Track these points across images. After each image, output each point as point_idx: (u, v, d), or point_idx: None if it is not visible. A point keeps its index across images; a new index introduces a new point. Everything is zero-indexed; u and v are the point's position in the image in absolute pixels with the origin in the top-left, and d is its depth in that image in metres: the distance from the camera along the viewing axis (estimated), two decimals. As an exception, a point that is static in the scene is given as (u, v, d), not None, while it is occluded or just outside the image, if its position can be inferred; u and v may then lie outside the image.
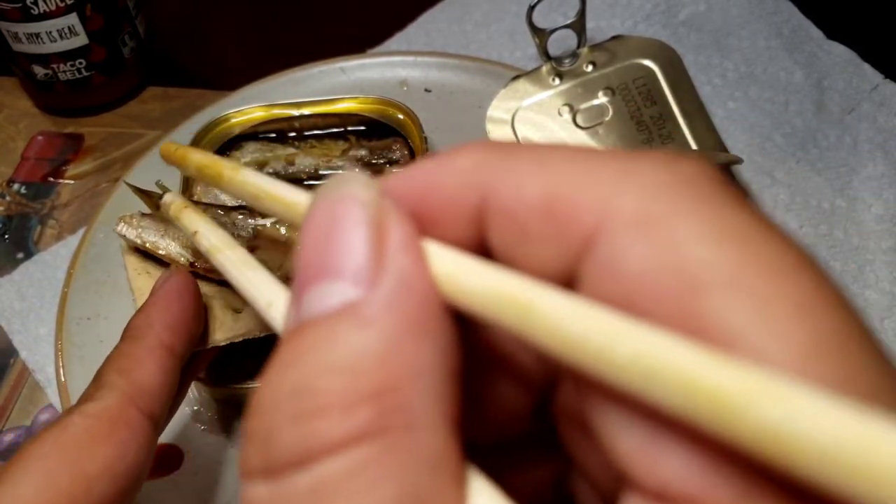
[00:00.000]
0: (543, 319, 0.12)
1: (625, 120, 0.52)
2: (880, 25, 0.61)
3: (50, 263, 0.52)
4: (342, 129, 0.53)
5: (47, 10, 0.54)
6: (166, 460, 0.42)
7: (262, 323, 0.36)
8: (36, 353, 0.48)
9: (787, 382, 0.10)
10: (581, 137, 0.52)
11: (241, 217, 0.38)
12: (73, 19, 0.55)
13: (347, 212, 0.13)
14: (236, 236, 0.37)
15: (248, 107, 0.53)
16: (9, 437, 0.46)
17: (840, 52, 0.58)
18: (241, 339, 0.36)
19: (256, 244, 0.38)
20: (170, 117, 0.61)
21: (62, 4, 0.54)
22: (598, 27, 0.61)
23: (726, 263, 0.11)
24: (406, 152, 0.51)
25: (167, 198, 0.33)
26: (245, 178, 0.21)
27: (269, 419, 0.12)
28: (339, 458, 0.11)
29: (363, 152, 0.52)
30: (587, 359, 0.11)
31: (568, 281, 0.13)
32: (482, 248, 0.14)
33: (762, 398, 0.09)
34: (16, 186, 0.58)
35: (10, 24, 0.55)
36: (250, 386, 0.41)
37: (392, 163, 0.51)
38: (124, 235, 0.38)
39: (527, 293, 0.12)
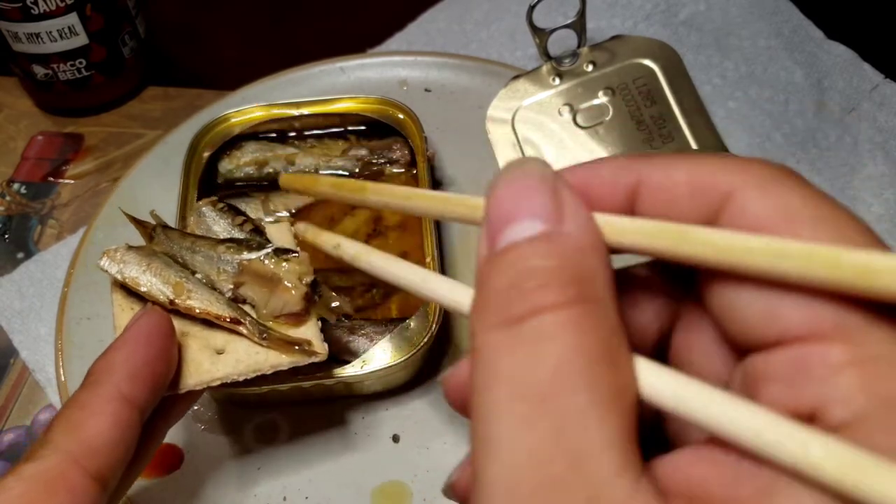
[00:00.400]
0: (696, 237, 0.19)
1: (625, 120, 0.52)
2: (880, 25, 0.61)
3: (50, 263, 0.52)
4: (342, 129, 0.53)
5: (47, 10, 0.54)
6: (166, 460, 0.42)
7: (243, 366, 0.34)
8: (36, 352, 0.48)
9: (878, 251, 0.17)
10: (581, 137, 0.52)
11: (227, 251, 0.36)
12: (73, 19, 0.55)
13: (532, 181, 0.20)
14: (221, 271, 0.36)
15: (247, 106, 0.53)
16: (9, 437, 0.46)
17: (840, 51, 0.58)
18: (217, 383, 0.33)
19: (242, 280, 0.35)
20: (170, 117, 0.61)
21: (62, 4, 0.54)
22: (598, 27, 0.61)
23: (812, 210, 0.18)
24: (406, 152, 0.51)
25: (300, 227, 0.32)
26: (391, 189, 0.25)
27: (506, 292, 0.19)
28: (558, 313, 0.18)
29: (363, 152, 0.52)
30: (736, 257, 0.18)
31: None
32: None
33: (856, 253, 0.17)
34: (16, 186, 0.58)
35: (10, 24, 0.55)
36: (250, 386, 0.41)
37: (392, 162, 0.51)
38: (106, 270, 0.36)
39: (680, 226, 0.19)
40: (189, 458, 0.42)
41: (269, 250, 0.36)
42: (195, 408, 0.44)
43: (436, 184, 0.53)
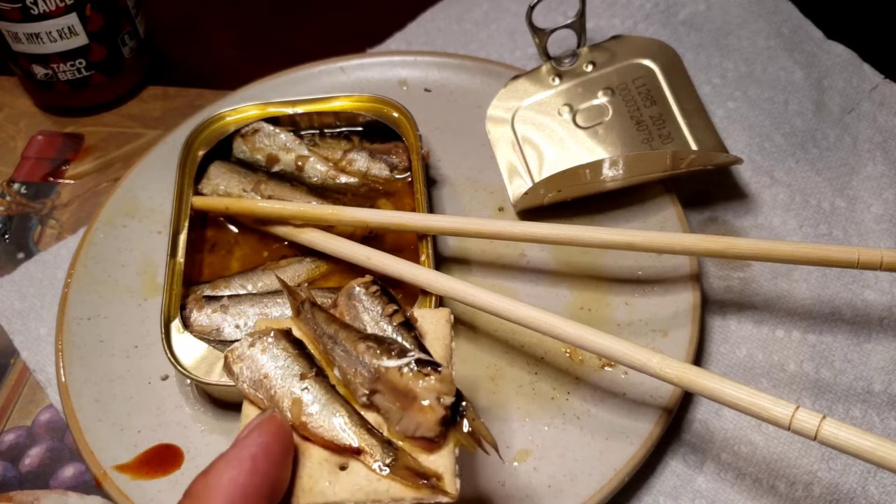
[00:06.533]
0: None
1: (624, 120, 0.52)
2: (880, 25, 0.61)
3: (50, 263, 0.52)
4: (346, 130, 0.53)
5: (47, 10, 0.54)
6: (166, 460, 0.42)
7: (361, 493, 0.30)
8: (36, 353, 0.48)
9: None
10: (581, 137, 0.52)
11: (366, 351, 0.32)
12: (72, 19, 0.55)
13: None
14: (358, 373, 0.32)
15: (242, 105, 0.53)
16: (9, 438, 0.46)
17: (840, 52, 0.58)
18: None
19: (376, 388, 0.32)
20: (170, 117, 0.61)
21: (62, 4, 0.54)
22: (598, 27, 0.61)
23: None
24: (405, 156, 0.51)
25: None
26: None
27: None
28: None
29: (364, 154, 0.52)
30: None
31: None
32: None
33: None
34: (16, 186, 0.58)
35: (10, 24, 0.55)
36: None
37: (393, 168, 0.51)
38: (230, 378, 0.33)
39: None
40: (189, 459, 0.42)
41: (411, 360, 0.31)
42: (195, 407, 0.44)
43: (430, 183, 0.53)
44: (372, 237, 0.48)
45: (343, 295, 0.36)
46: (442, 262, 0.49)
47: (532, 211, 0.50)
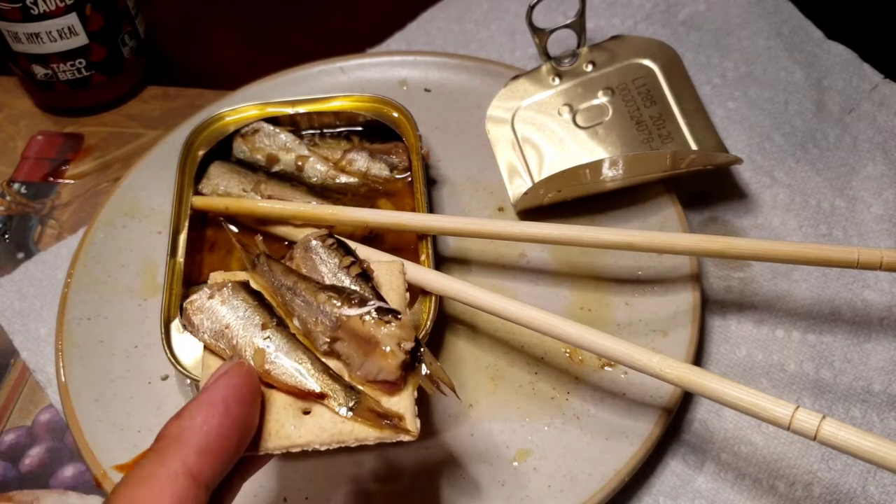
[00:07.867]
0: None
1: (624, 120, 0.52)
2: (880, 25, 0.61)
3: (50, 263, 0.52)
4: (346, 130, 0.53)
5: (47, 10, 0.54)
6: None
7: (326, 435, 0.31)
8: (36, 353, 0.48)
9: None
10: (581, 137, 0.52)
11: (327, 301, 0.33)
12: (72, 19, 0.55)
13: None
14: (318, 322, 0.33)
15: (242, 105, 0.53)
16: (9, 438, 0.46)
17: (840, 52, 0.58)
18: (297, 449, 0.31)
19: (338, 335, 0.33)
20: (170, 117, 0.61)
21: (62, 4, 0.54)
22: (598, 27, 0.61)
23: None
24: (405, 156, 0.51)
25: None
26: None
27: None
28: None
29: (364, 154, 0.52)
30: None
31: None
32: None
33: None
34: (16, 186, 0.58)
35: (10, 24, 0.55)
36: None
37: (393, 167, 0.51)
38: (186, 328, 0.34)
39: None
40: (189, 459, 0.42)
41: (371, 308, 0.32)
42: (195, 408, 0.44)
43: (430, 183, 0.53)
44: (372, 237, 0.48)
45: (299, 248, 0.37)
46: (442, 262, 0.49)
47: (532, 211, 0.50)
